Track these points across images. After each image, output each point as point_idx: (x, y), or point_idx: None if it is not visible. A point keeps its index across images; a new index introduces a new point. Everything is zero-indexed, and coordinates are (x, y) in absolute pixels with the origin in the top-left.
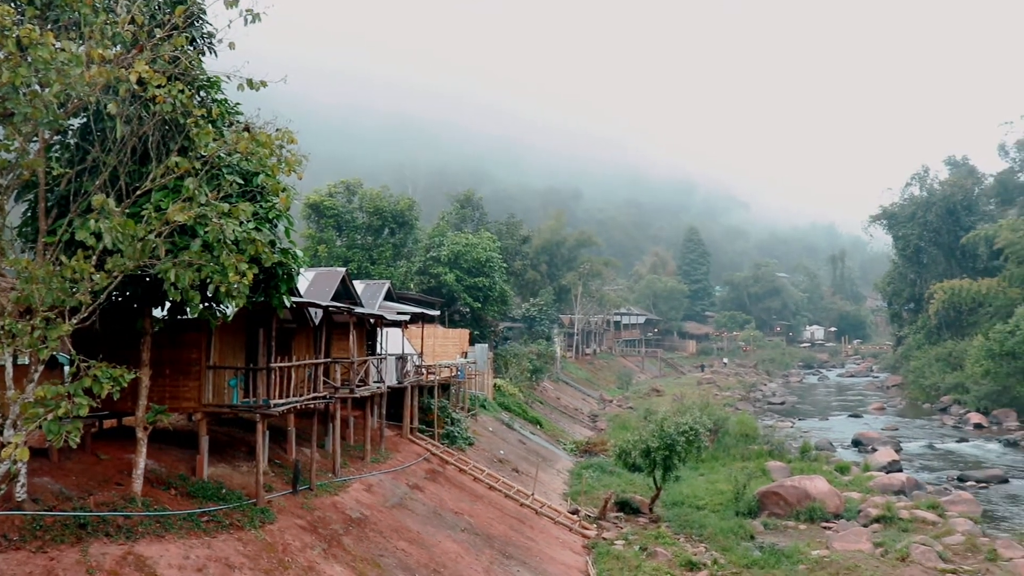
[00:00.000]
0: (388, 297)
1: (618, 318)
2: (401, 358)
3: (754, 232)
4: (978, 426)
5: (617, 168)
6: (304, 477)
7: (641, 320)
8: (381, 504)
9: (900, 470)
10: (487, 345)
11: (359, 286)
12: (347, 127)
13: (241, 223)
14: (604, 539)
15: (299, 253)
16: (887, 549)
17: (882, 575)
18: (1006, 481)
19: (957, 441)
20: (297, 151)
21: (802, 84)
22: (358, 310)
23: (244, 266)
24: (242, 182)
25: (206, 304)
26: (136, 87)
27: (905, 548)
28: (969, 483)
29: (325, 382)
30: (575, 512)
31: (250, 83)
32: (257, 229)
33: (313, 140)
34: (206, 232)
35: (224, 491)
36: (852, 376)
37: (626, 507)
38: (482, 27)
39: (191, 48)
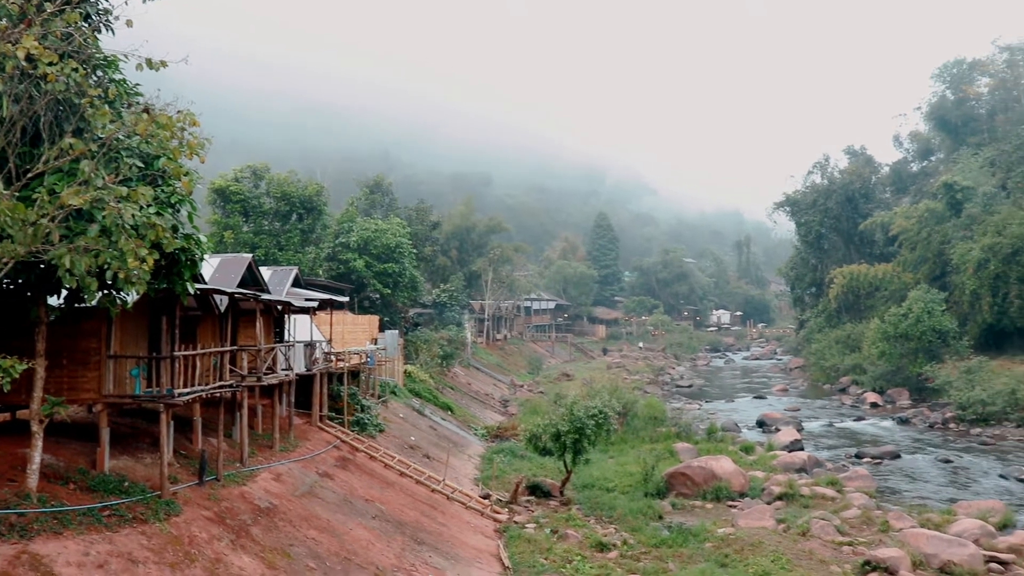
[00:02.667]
0: (296, 283)
1: (528, 303)
2: (309, 345)
3: (662, 218)
4: (874, 405)
5: (527, 154)
6: (211, 468)
7: (551, 305)
8: (290, 493)
9: (802, 449)
10: (397, 331)
11: (266, 272)
12: (255, 111)
13: (141, 207)
14: (515, 523)
15: (203, 239)
16: (789, 525)
17: (784, 550)
18: (899, 456)
19: (855, 420)
20: (200, 134)
21: (709, 73)
22: (265, 297)
23: (144, 252)
24: (142, 165)
25: (105, 291)
26: (25, 64)
27: (806, 523)
28: (865, 459)
29: (232, 370)
30: (486, 497)
31: (149, 63)
32: (158, 214)
33: (219, 124)
34: (103, 217)
35: (127, 484)
36: (757, 359)
37: (537, 491)
38: (389, 14)
39: (85, 24)
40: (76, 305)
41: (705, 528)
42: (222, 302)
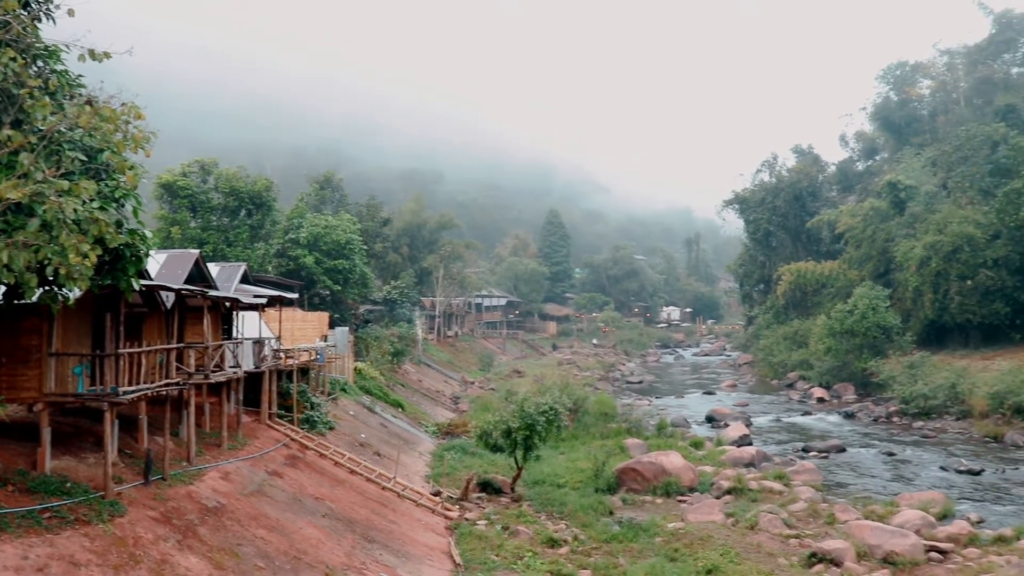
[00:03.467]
0: (245, 280)
1: (480, 300)
2: (258, 342)
3: (613, 215)
4: (821, 400)
5: (479, 151)
6: (157, 467)
7: (502, 302)
8: (239, 492)
9: (750, 444)
10: (348, 328)
11: (214, 269)
12: (204, 104)
13: (83, 202)
14: (466, 519)
15: (148, 234)
16: (738, 519)
17: (733, 543)
18: (844, 450)
19: (802, 415)
20: (146, 127)
21: (660, 72)
22: (213, 293)
23: (86, 247)
24: (85, 159)
25: (46, 288)
26: None
27: (754, 517)
28: (812, 453)
29: (178, 368)
30: (437, 494)
31: (92, 54)
32: (102, 208)
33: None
34: (44, 211)
35: (69, 485)
36: (706, 355)
37: (488, 487)
38: (341, 9)
39: (24, 12)
40: (15, 302)
41: (655, 523)
42: (169, 299)
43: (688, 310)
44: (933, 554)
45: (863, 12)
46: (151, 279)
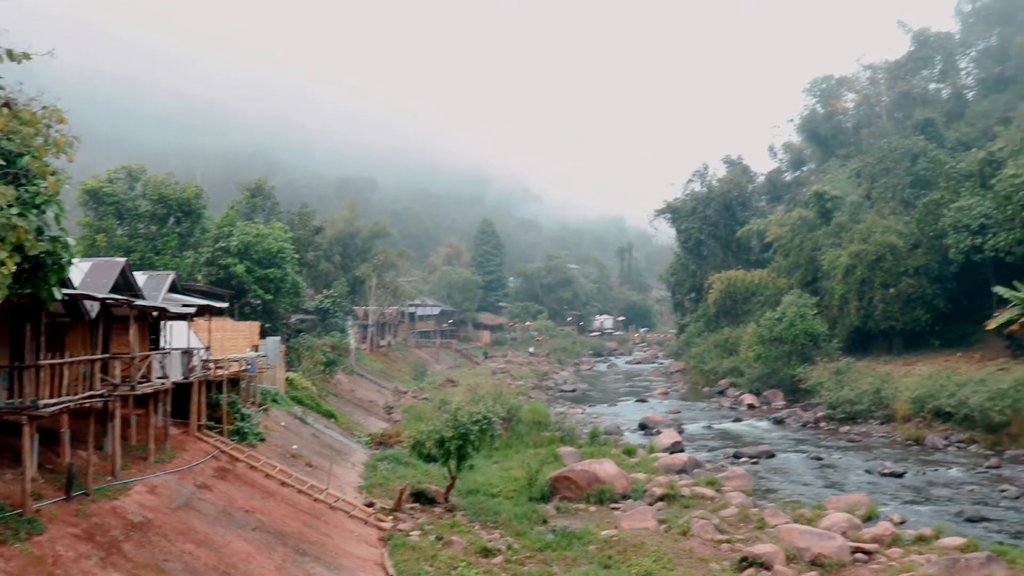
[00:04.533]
0: (173, 289)
1: (413, 309)
2: (187, 352)
3: (547, 224)
4: (751, 406)
5: (413, 159)
6: (80, 482)
7: (436, 311)
8: (166, 506)
9: (682, 450)
10: (279, 338)
11: (141, 277)
12: (132, 109)
13: (1, 208)
14: (400, 530)
15: (71, 242)
16: (670, 525)
17: (666, 549)
18: (774, 456)
19: (733, 421)
20: (68, 131)
21: (593, 81)
22: (139, 302)
23: (4, 255)
24: (3, 163)
25: None
26: None
27: (686, 523)
28: (743, 459)
29: (103, 379)
30: (370, 505)
31: (10, 55)
32: (21, 215)
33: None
34: None
35: None
36: (639, 363)
37: (422, 497)
38: (273, 14)
39: None
40: None
41: (589, 531)
42: (93, 308)
43: (621, 318)
44: (859, 555)
45: (791, 26)
46: (74, 288)
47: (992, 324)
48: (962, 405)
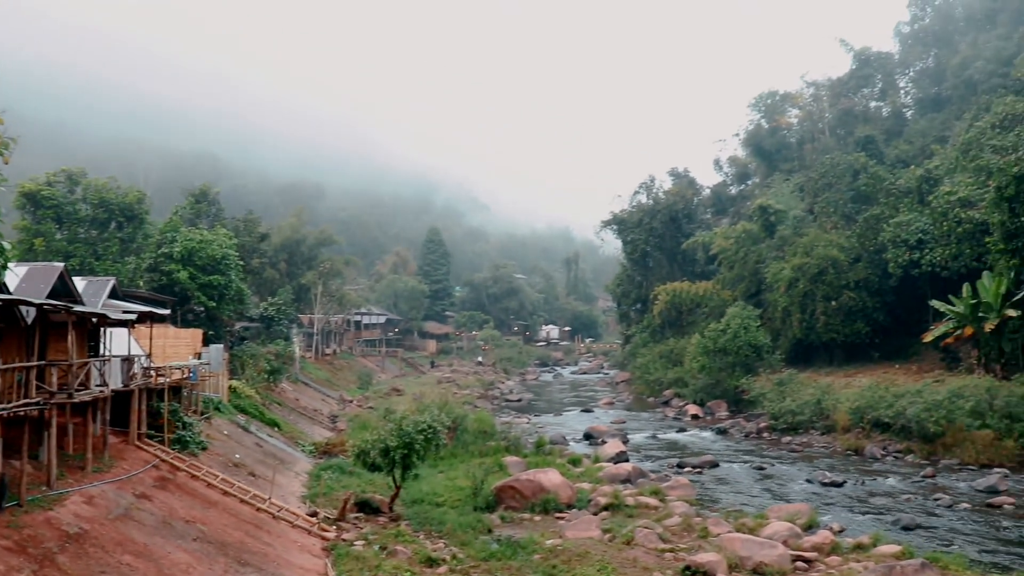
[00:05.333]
0: (114, 295)
1: (359, 318)
2: (127, 360)
3: (494, 234)
4: (695, 417)
5: (361, 167)
6: (12, 492)
7: (382, 320)
8: (103, 517)
9: (627, 460)
10: (222, 345)
11: (80, 283)
12: (72, 109)
13: None
14: (344, 540)
15: (6, 245)
16: (615, 534)
17: (610, 559)
18: (717, 465)
19: (677, 431)
20: (4, 133)
21: (541, 92)
22: (78, 308)
23: None
24: None
25: None
26: None
27: (630, 532)
28: (686, 469)
29: (39, 387)
30: (314, 514)
31: None
32: None
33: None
34: None
35: None
36: (585, 373)
37: (366, 507)
38: (217, 16)
39: None
40: None
41: (533, 540)
42: (29, 314)
43: (567, 329)
44: (799, 563)
45: (738, 42)
46: (10, 293)
47: (928, 337)
48: (899, 416)
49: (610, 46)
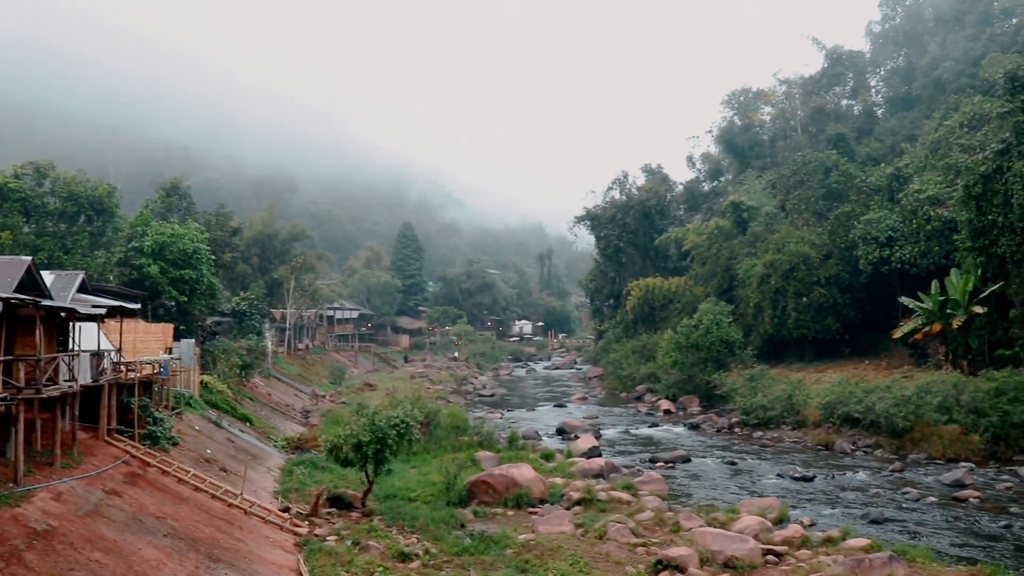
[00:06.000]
0: (83, 289)
1: (331, 313)
2: (97, 355)
3: (467, 229)
4: (667, 412)
5: (334, 161)
6: None
7: (355, 315)
8: (72, 513)
9: (599, 455)
10: (194, 340)
11: (49, 277)
12: (39, 101)
13: None
14: (316, 535)
15: None
16: (587, 529)
17: (582, 553)
18: (689, 460)
19: (649, 426)
20: None
21: (513, 87)
22: (46, 303)
23: None
24: None
25: None
26: None
27: (603, 527)
28: (659, 464)
29: (6, 382)
30: (286, 510)
31: None
32: None
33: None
34: None
35: None
36: (558, 368)
37: (339, 502)
38: (186, 10)
39: None
40: None
41: (506, 535)
42: None
43: (540, 324)
44: (770, 557)
45: (711, 39)
46: None
47: (898, 333)
48: (869, 411)
49: (585, 43)
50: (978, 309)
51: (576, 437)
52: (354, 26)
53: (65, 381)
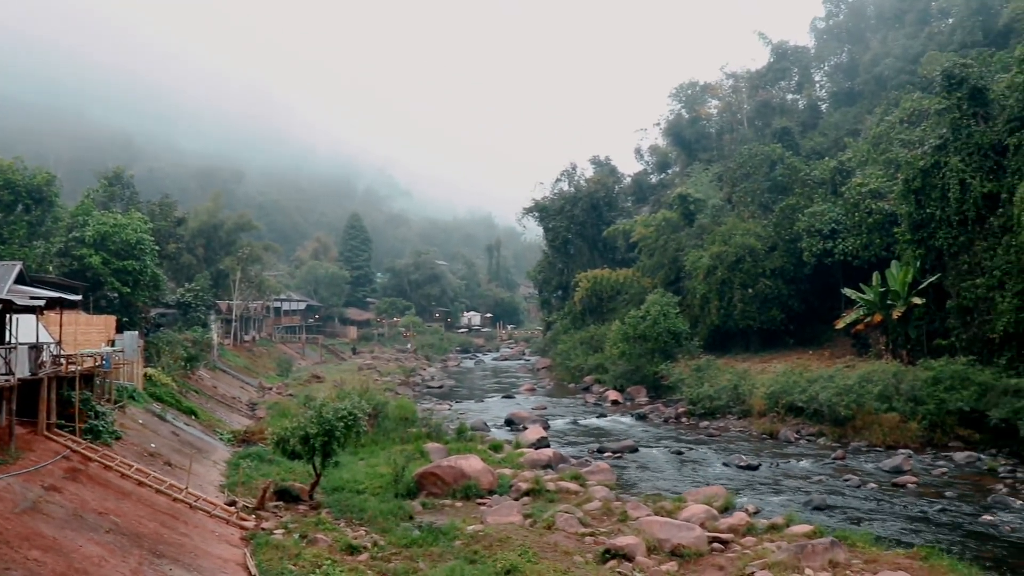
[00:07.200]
0: (20, 280)
1: (278, 304)
2: (35, 347)
3: (416, 220)
4: (615, 402)
5: (281, 151)
6: None
7: (302, 306)
8: (9, 511)
9: (548, 446)
10: (137, 332)
11: None
12: None
13: None
14: (263, 529)
15: None
16: (535, 519)
17: (531, 543)
18: (636, 450)
19: (597, 417)
20: None
21: (461, 78)
22: None
23: None
24: None
25: None
26: None
27: (551, 517)
28: (607, 454)
29: None
30: (232, 504)
31: None
32: None
33: None
34: None
35: None
36: (506, 359)
37: (286, 495)
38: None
39: None
40: None
41: (455, 526)
42: None
43: (489, 315)
44: (716, 544)
45: (660, 32)
46: None
47: (840, 324)
48: (812, 401)
49: (535, 30)
50: (917, 300)
51: (525, 428)
52: (301, 7)
53: (2, 374)
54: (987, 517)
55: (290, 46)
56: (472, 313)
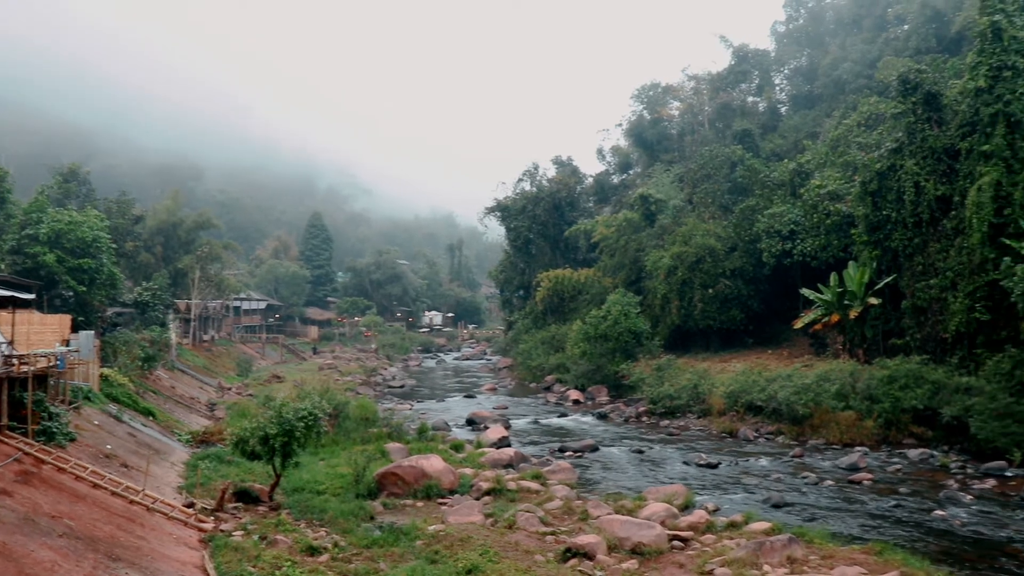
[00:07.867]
0: None
1: (238, 304)
2: None
3: (377, 220)
4: (576, 402)
5: (241, 149)
6: None
7: (262, 306)
8: None
9: (509, 445)
10: (93, 332)
11: None
12: None
13: None
14: (222, 531)
15: None
16: (497, 519)
17: (492, 543)
18: (597, 449)
19: (559, 416)
20: None
21: (422, 75)
22: None
23: None
24: None
25: None
26: None
27: (512, 517)
28: (568, 453)
29: None
30: (190, 505)
31: None
32: None
33: None
34: None
35: None
36: (468, 359)
37: (245, 497)
38: None
39: None
40: None
41: (416, 526)
42: None
43: (450, 315)
44: (676, 542)
45: (622, 33)
46: None
47: (799, 324)
48: (771, 399)
49: (498, 29)
50: (873, 300)
51: (486, 428)
52: (261, 8)
53: None
54: (939, 512)
55: (249, 46)
56: (434, 313)
